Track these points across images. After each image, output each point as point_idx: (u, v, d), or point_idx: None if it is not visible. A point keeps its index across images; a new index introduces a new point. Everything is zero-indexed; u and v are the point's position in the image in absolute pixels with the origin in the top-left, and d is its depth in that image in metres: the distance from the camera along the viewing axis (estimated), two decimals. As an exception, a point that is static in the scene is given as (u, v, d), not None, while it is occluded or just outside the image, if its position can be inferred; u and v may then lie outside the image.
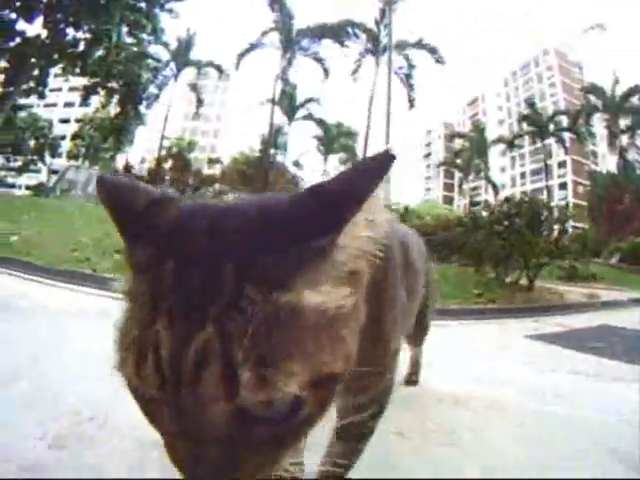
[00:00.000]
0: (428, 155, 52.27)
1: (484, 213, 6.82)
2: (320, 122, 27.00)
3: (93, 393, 1.21)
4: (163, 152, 27.02)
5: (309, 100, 25.58)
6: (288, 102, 25.03)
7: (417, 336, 1.57)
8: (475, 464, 1.12)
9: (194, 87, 25.99)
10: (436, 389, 1.69)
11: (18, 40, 16.84)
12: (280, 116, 25.39)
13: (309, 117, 26.44)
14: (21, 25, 16.56)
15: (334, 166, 32.46)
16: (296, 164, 30.49)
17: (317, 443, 0.81)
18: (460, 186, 36.66)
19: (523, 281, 5.85)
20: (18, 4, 15.66)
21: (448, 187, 45.61)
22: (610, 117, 23.95)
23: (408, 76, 20.35)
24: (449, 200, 43.67)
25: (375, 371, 0.69)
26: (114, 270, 3.99)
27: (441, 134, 48.38)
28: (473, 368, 2.04)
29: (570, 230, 7.12)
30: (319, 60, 22.49)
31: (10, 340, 1.68)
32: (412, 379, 1.72)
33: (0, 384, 1.26)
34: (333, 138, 28.36)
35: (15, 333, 1.79)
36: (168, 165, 27.14)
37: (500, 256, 5.86)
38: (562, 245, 5.99)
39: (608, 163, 28.11)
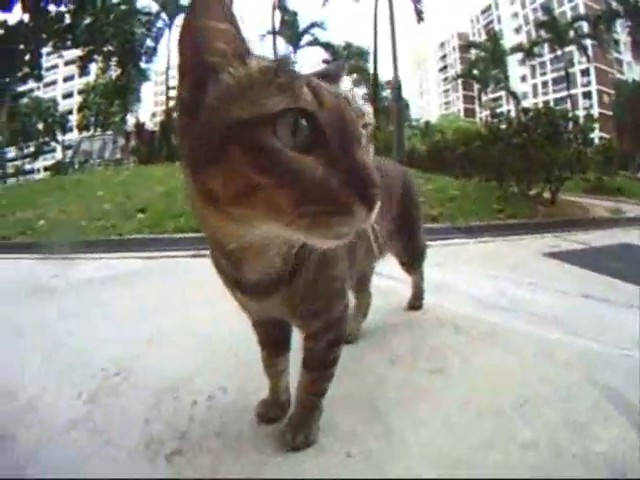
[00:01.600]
0: (444, 68, 49.61)
1: (503, 125, 6.49)
2: (327, 46, 25.92)
3: (119, 353, 1.37)
4: (172, 103, 26.59)
5: (312, 25, 24.54)
6: (291, 30, 23.93)
7: (410, 260, 1.57)
8: (453, 394, 1.10)
9: None
10: (439, 314, 1.68)
11: (1, 31, 16.46)
12: (285, 46, 24.49)
13: (315, 42, 25.45)
14: (1, 16, 16.14)
15: (347, 88, 31.45)
16: None
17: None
18: (479, 98, 34.79)
19: (547, 194, 5.67)
20: None
21: (468, 99, 43.49)
22: (633, 24, 21.82)
23: (413, -13, 18.65)
24: (471, 113, 41.80)
25: (322, 295, 0.84)
26: (137, 231, 4.13)
27: (455, 45, 45.57)
28: (482, 290, 2.01)
29: (597, 141, 6.71)
30: (316, -17, 21.15)
31: (46, 317, 1.81)
32: (415, 304, 1.73)
33: (43, 356, 1.41)
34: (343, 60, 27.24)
35: (50, 310, 1.91)
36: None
37: (521, 169, 5.66)
38: (584, 157, 5.70)
39: (634, 72, 25.92)
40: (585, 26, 24.67)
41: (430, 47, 52.75)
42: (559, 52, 26.22)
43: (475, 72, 30.48)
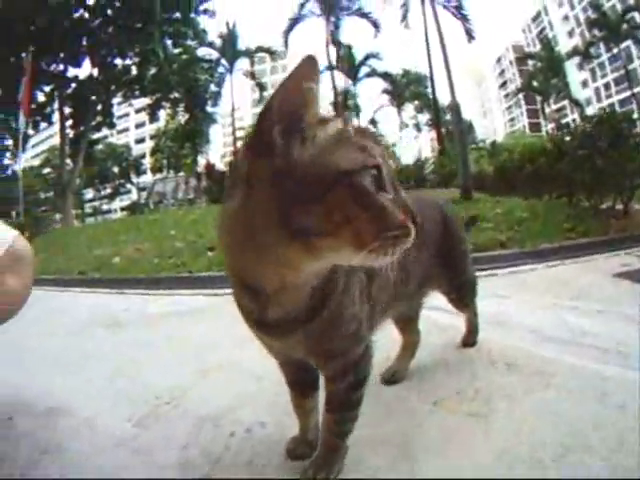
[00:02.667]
0: (504, 84, 48.48)
1: (568, 137, 6.13)
2: (385, 75, 26.34)
3: (174, 383, 1.45)
4: (240, 143, 27.88)
5: (368, 57, 25.07)
6: (348, 64, 24.63)
7: (458, 296, 1.45)
8: (492, 441, 1.01)
9: (251, 75, 26.32)
10: (492, 350, 1.58)
11: (74, 85, 18.44)
12: (344, 80, 25.17)
13: (373, 73, 26.00)
14: (72, 72, 18.13)
15: (410, 115, 31.60)
16: (372, 122, 30.15)
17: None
18: (543, 110, 33.42)
19: (619, 206, 5.25)
20: (62, 55, 17.03)
21: (532, 113, 41.98)
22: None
23: (459, 7, 18.62)
24: (536, 127, 40.19)
25: (339, 336, 0.85)
26: (207, 268, 4.33)
27: (512, 59, 44.53)
28: (542, 321, 1.86)
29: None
30: (365, 15, 21.82)
31: (113, 347, 1.97)
32: (468, 342, 1.59)
33: (105, 381, 1.55)
34: (402, 88, 27.53)
35: (118, 340, 2.08)
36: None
37: (590, 182, 5.31)
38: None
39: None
40: (638, 17, 23.18)
41: (487, 64, 51.81)
42: (615, 50, 24.72)
43: (535, 84, 29.51)
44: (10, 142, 19.98)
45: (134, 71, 19.44)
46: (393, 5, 20.76)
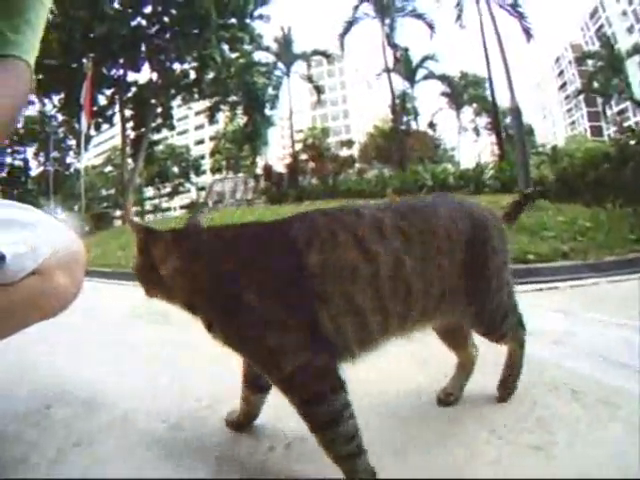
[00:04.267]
0: (563, 85, 46.24)
1: (632, 142, 5.68)
2: (443, 77, 25.85)
3: (217, 387, 1.37)
4: (300, 145, 28.17)
5: (425, 58, 24.72)
6: (405, 66, 24.38)
7: (490, 328, 1.11)
8: (546, 477, 0.90)
9: (308, 78, 26.45)
10: (556, 374, 1.42)
11: (134, 89, 19.39)
12: (401, 82, 24.92)
13: (431, 76, 25.59)
14: (132, 76, 19.22)
15: (469, 119, 30.91)
16: (430, 126, 29.72)
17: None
18: (604, 113, 31.45)
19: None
20: (122, 61, 17.92)
21: (593, 116, 39.72)
22: None
23: (515, 5, 17.78)
24: (597, 130, 37.96)
25: (251, 349, 0.86)
26: None
27: (571, 59, 42.35)
28: (609, 343, 1.68)
29: None
30: (419, 16, 21.43)
31: (161, 344, 1.94)
32: (502, 392, 1.22)
33: (146, 378, 1.49)
34: (461, 90, 26.95)
35: (165, 336, 2.04)
36: (305, 157, 28.08)
37: (657, 189, 4.87)
38: None
39: None
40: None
41: (546, 65, 49.56)
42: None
43: (595, 85, 27.82)
44: (73, 142, 21.31)
45: (192, 75, 20.08)
46: (446, 5, 20.31)
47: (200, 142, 40.08)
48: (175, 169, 35.23)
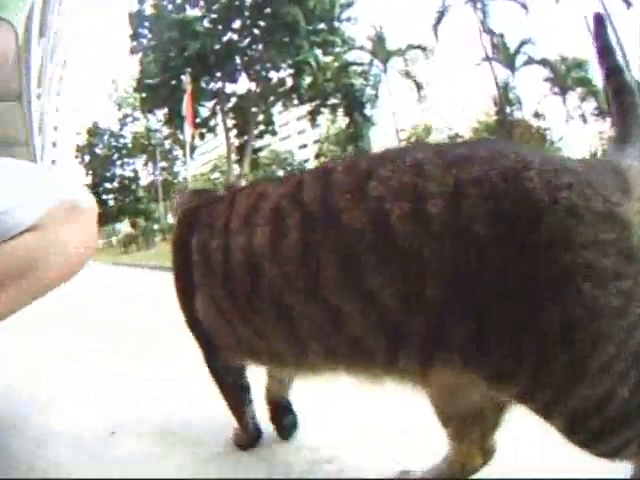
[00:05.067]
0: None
1: None
2: (543, 62, 23.47)
3: None
4: (403, 144, 27.79)
5: (522, 43, 22.81)
6: (503, 53, 22.61)
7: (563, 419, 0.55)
8: None
9: (407, 74, 25.87)
10: None
11: (234, 100, 20.76)
12: (502, 70, 23.23)
13: (530, 61, 23.51)
14: (230, 87, 20.37)
15: (574, 105, 27.68)
16: (536, 115, 27.25)
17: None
18: None
19: None
20: (219, 74, 19.19)
21: None
22: None
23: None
24: None
25: None
26: None
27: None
28: None
29: None
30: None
31: None
32: None
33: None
34: (564, 75, 24.15)
35: None
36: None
37: None
38: None
39: None
40: None
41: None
42: None
43: None
44: (179, 152, 23.52)
45: (289, 82, 20.92)
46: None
47: (304, 146, 41.42)
48: (280, 173, 37.01)
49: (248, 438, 0.88)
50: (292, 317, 0.62)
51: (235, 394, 0.86)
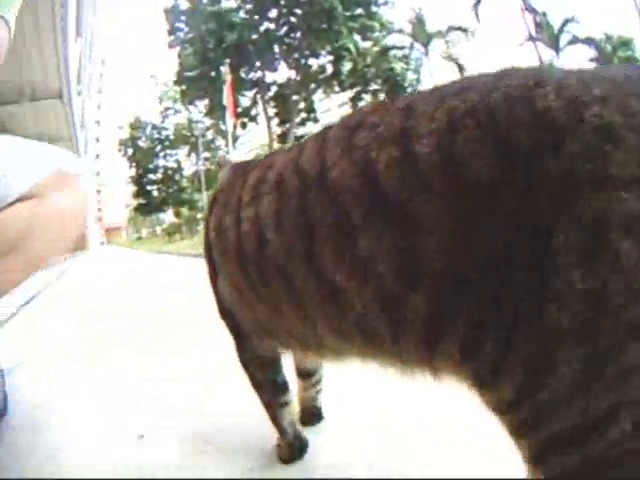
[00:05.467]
0: None
1: None
2: (588, 41, 22.27)
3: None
4: None
5: (566, 22, 21.94)
6: (547, 32, 21.49)
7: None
8: None
9: (449, 57, 25.30)
10: None
11: (275, 88, 20.79)
12: (546, 50, 22.20)
13: (574, 40, 22.53)
14: (271, 76, 20.47)
15: None
16: None
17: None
18: None
19: None
20: (258, 64, 19.15)
21: None
22: None
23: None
24: None
25: None
26: None
27: None
28: None
29: None
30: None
31: None
32: None
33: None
34: (609, 54, 22.81)
35: None
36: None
37: None
38: None
39: None
40: None
41: None
42: None
43: None
44: (222, 142, 23.82)
45: (330, 68, 20.79)
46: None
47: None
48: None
49: (288, 449, 0.77)
50: (297, 291, 0.55)
51: (268, 393, 0.78)
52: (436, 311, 0.42)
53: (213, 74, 18.06)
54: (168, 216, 33.81)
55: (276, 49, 19.23)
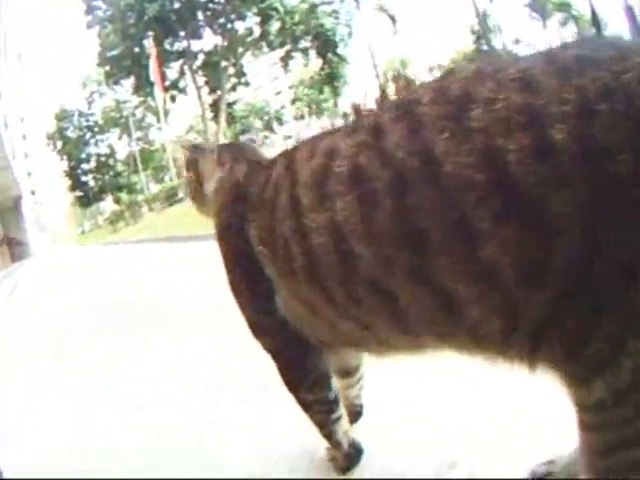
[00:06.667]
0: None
1: None
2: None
3: None
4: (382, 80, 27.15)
5: None
6: None
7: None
8: None
9: (381, 8, 25.08)
10: None
11: (202, 57, 19.95)
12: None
13: None
14: (197, 44, 19.51)
15: (554, 28, 27.08)
16: (517, 42, 26.54)
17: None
18: None
19: None
20: (182, 33, 18.33)
21: None
22: None
23: None
24: None
25: None
26: None
27: None
28: None
29: None
30: None
31: None
32: None
33: None
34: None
35: None
36: (392, 90, 27.01)
37: None
38: None
39: None
40: None
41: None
42: None
43: None
44: (153, 119, 22.82)
45: (257, 30, 20.12)
46: None
47: (278, 93, 40.14)
48: (258, 124, 36.06)
49: (345, 459, 0.75)
50: (397, 304, 0.49)
51: (320, 412, 0.73)
52: (552, 311, 0.41)
53: (137, 50, 17.14)
54: (108, 204, 32.22)
55: (200, 16, 18.35)
